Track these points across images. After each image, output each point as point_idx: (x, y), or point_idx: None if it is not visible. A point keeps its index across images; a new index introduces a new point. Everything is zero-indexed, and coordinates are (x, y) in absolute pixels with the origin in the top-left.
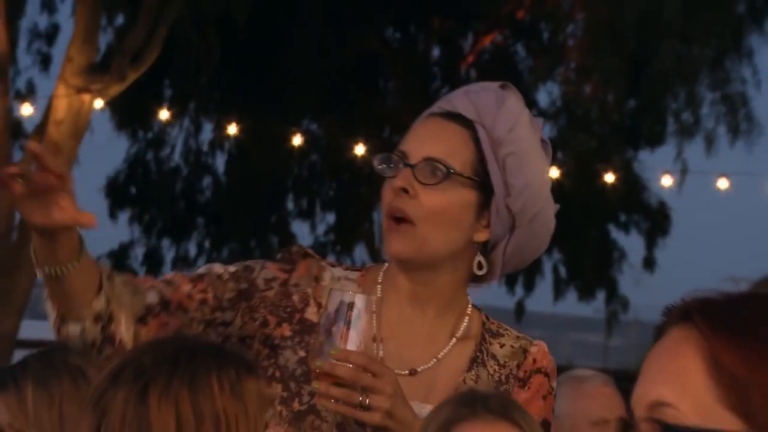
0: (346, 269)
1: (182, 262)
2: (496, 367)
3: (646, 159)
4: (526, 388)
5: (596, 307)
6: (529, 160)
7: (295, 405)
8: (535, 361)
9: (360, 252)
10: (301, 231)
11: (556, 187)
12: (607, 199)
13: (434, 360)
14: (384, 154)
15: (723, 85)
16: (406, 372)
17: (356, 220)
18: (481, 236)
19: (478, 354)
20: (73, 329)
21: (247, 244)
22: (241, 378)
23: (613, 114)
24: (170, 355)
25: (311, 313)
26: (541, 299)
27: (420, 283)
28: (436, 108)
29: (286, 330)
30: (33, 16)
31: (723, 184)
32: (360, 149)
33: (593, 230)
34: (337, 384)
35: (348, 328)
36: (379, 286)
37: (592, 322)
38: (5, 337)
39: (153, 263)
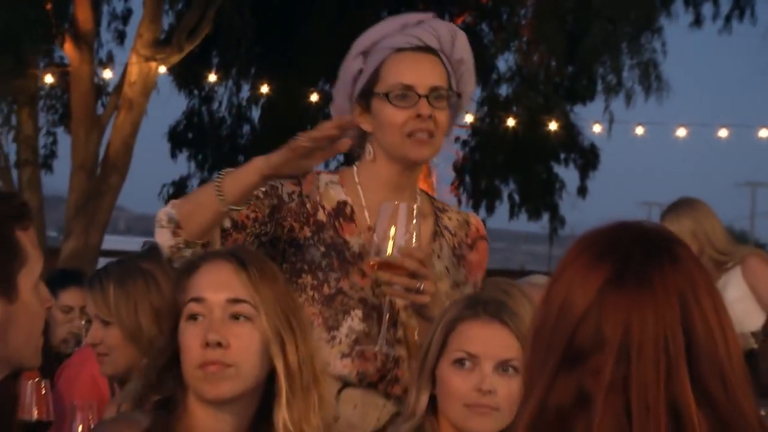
0: (327, 174)
1: None
2: (450, 236)
3: (580, 111)
4: (474, 250)
5: (542, 224)
6: (473, 72)
7: (325, 289)
8: (477, 230)
9: None
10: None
11: (512, 133)
12: (551, 142)
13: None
14: (398, 92)
15: (639, 54)
16: None
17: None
18: None
19: (437, 228)
20: (186, 253)
21: None
22: None
23: (555, 77)
24: None
25: (320, 215)
26: (500, 218)
27: (406, 175)
28: (405, 44)
29: (307, 232)
30: (113, 2)
31: (639, 130)
32: None
33: (540, 166)
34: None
35: (397, 229)
36: (358, 185)
37: (539, 237)
38: (92, 248)
39: None
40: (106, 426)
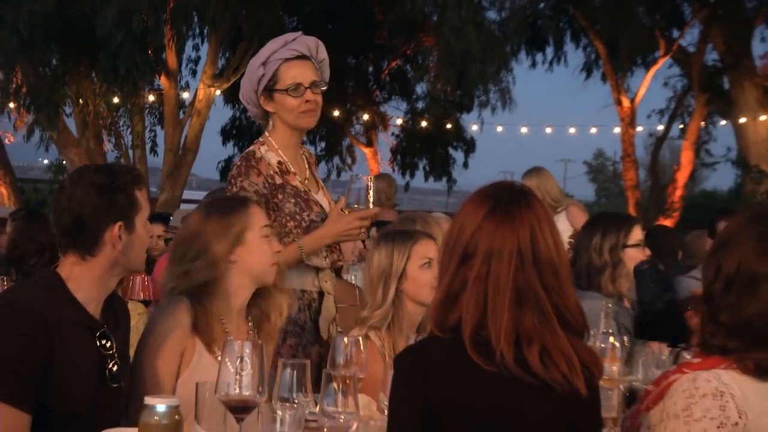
0: (261, 146)
1: None
2: (309, 156)
3: (465, 117)
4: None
5: (442, 184)
6: (328, 65)
7: (302, 225)
8: (311, 153)
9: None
10: None
11: (425, 130)
12: (448, 135)
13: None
14: (292, 87)
15: (499, 84)
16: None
17: (339, 134)
18: None
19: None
20: None
21: None
22: None
23: (450, 97)
24: None
25: (277, 180)
26: (418, 181)
27: (300, 137)
28: (291, 53)
29: (279, 196)
30: (188, 52)
31: (500, 128)
32: (337, 111)
33: (441, 150)
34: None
35: (366, 196)
36: (278, 148)
37: (440, 191)
38: (176, 198)
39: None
40: (164, 303)
